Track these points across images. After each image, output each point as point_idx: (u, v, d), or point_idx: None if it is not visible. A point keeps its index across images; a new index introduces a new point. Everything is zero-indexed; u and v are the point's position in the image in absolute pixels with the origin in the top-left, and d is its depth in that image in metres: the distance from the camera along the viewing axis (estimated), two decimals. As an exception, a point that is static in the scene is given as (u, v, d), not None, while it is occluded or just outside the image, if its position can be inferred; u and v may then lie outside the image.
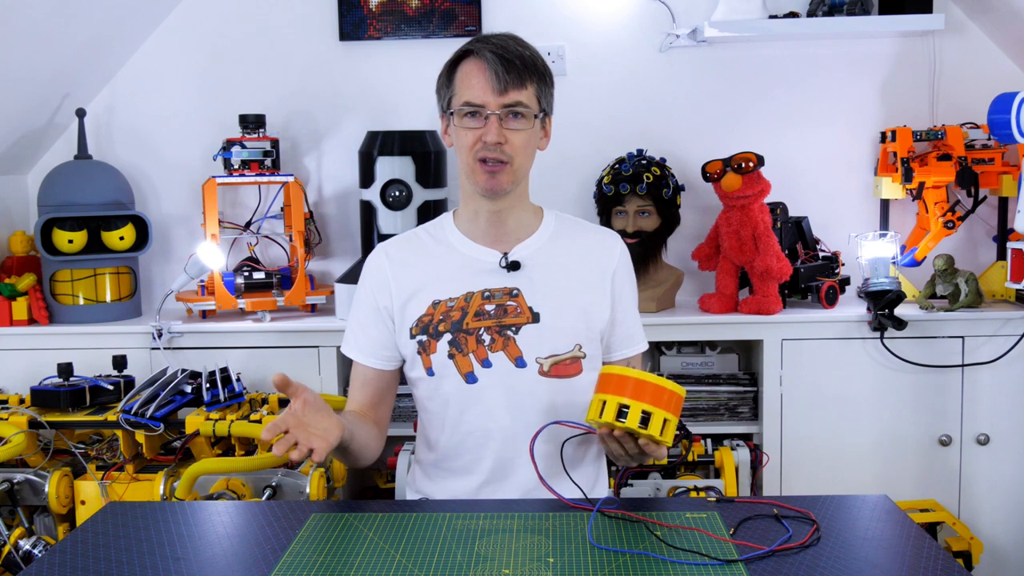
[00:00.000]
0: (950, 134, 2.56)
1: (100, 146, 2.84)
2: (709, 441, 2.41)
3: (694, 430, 2.47)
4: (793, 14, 2.69)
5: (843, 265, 2.69)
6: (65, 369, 2.30)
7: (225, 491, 2.07)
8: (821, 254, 2.68)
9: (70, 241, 2.56)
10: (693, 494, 2.22)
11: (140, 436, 2.18)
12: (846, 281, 2.67)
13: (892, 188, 2.64)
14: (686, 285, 2.77)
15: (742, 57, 2.79)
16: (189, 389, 2.23)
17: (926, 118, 2.75)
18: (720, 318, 2.52)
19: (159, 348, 2.48)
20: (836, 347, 2.47)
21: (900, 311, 2.44)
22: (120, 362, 2.38)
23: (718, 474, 2.37)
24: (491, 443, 1.67)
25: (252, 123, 2.67)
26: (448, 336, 1.66)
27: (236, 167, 2.63)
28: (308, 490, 2.06)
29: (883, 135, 2.67)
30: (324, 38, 2.82)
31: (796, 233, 2.68)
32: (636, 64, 2.80)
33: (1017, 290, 2.54)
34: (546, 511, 1.45)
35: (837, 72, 2.78)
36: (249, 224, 2.83)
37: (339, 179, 2.87)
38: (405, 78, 2.82)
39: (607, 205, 2.61)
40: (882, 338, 2.43)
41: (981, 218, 2.74)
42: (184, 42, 2.83)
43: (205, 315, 2.62)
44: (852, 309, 2.54)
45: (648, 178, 2.53)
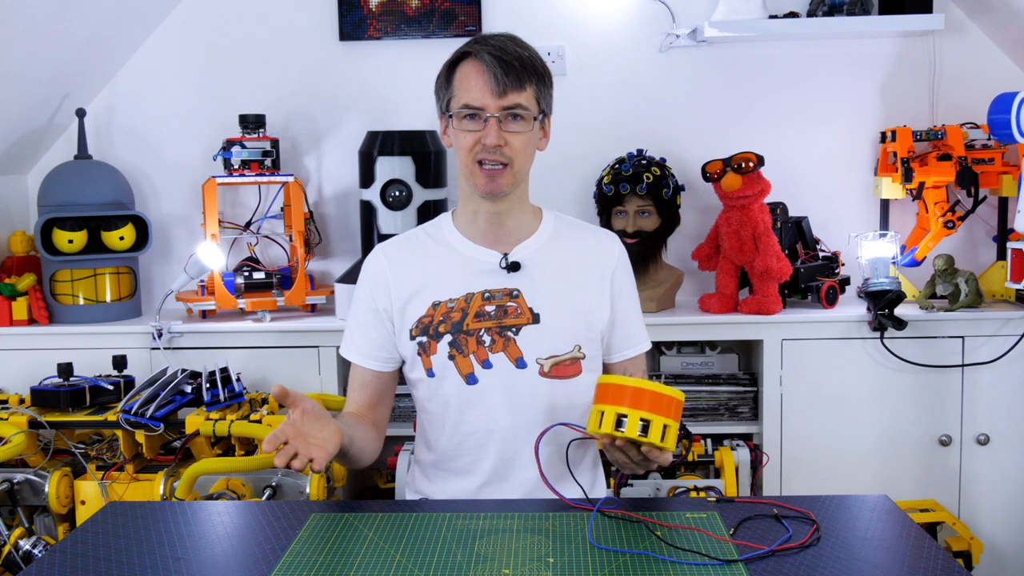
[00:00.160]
0: (950, 134, 2.56)
1: (100, 146, 2.84)
2: (709, 441, 2.41)
3: (694, 430, 2.47)
4: (793, 14, 2.69)
5: (843, 265, 2.69)
6: (65, 369, 2.31)
7: (225, 491, 2.07)
8: (821, 254, 2.68)
9: (70, 241, 2.56)
10: (693, 494, 2.21)
11: (140, 436, 2.18)
12: (846, 281, 2.67)
13: (892, 188, 2.64)
14: (686, 285, 2.77)
15: (742, 57, 2.79)
16: (189, 389, 2.23)
17: (926, 118, 2.75)
18: (720, 318, 2.52)
19: (159, 348, 2.49)
20: (836, 347, 2.47)
21: (900, 311, 2.44)
22: (120, 362, 2.38)
23: (718, 474, 2.37)
24: (491, 444, 1.67)
25: (252, 123, 2.67)
26: (448, 337, 1.66)
27: (236, 167, 2.63)
28: (308, 490, 2.06)
29: (883, 135, 2.67)
30: (324, 38, 2.82)
31: (796, 233, 2.68)
32: (636, 64, 2.80)
33: (1017, 290, 2.54)
34: (546, 511, 1.45)
35: (837, 72, 2.78)
36: (249, 224, 2.83)
37: (339, 179, 2.87)
38: (405, 78, 2.82)
39: (607, 205, 2.61)
40: (882, 338, 2.43)
41: (981, 218, 2.74)
42: (184, 42, 2.84)
43: (205, 315, 2.62)
44: (852, 309, 2.54)
45: (648, 178, 2.53)
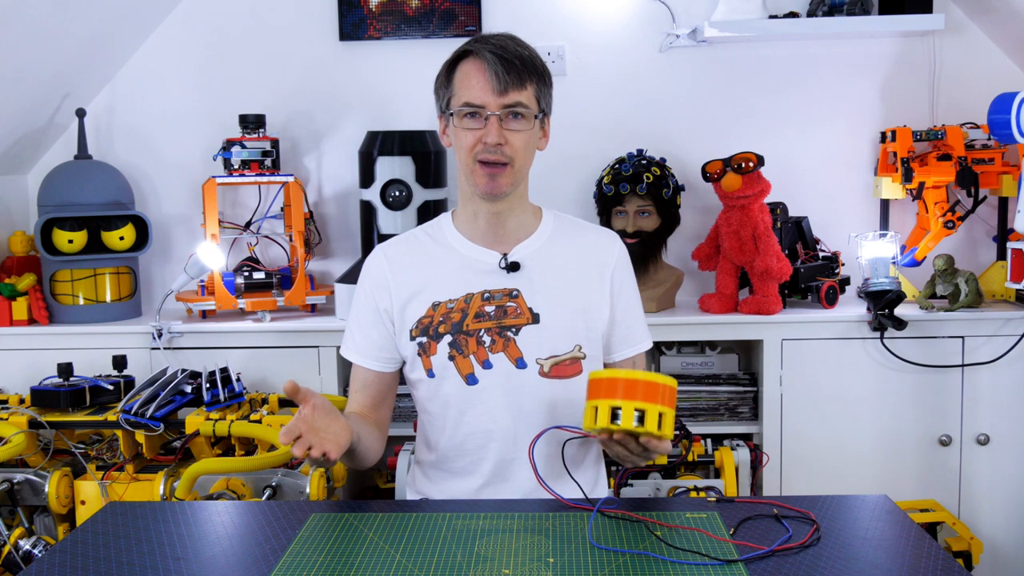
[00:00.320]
0: (950, 134, 2.56)
1: (100, 146, 2.84)
2: (709, 441, 2.41)
3: (694, 430, 2.47)
4: (793, 14, 2.69)
5: (843, 265, 2.69)
6: (65, 369, 2.31)
7: (225, 491, 2.07)
8: (821, 254, 2.68)
9: (70, 241, 2.56)
10: (693, 494, 2.21)
11: (140, 436, 2.18)
12: (846, 281, 2.67)
13: (892, 188, 2.64)
14: (686, 285, 2.77)
15: (742, 57, 2.79)
16: (189, 389, 2.23)
17: (926, 118, 2.75)
18: (720, 318, 2.52)
19: (159, 348, 2.48)
20: (836, 347, 2.47)
21: (900, 311, 2.44)
22: (120, 362, 2.38)
23: (718, 474, 2.37)
24: (492, 444, 1.66)
25: (252, 123, 2.67)
26: (448, 338, 1.66)
27: (236, 167, 2.63)
28: (308, 490, 2.06)
29: (883, 135, 2.67)
30: (324, 38, 2.82)
31: (796, 233, 2.68)
32: (636, 64, 2.80)
33: (1017, 290, 2.54)
34: (546, 511, 1.45)
35: (837, 72, 2.78)
36: (249, 224, 2.83)
37: (339, 179, 2.87)
38: (405, 78, 2.81)
39: (607, 205, 2.61)
40: (882, 338, 2.43)
41: (981, 218, 2.74)
42: (184, 42, 2.84)
43: (205, 315, 2.62)
44: (852, 309, 2.54)
45: (648, 178, 2.53)
